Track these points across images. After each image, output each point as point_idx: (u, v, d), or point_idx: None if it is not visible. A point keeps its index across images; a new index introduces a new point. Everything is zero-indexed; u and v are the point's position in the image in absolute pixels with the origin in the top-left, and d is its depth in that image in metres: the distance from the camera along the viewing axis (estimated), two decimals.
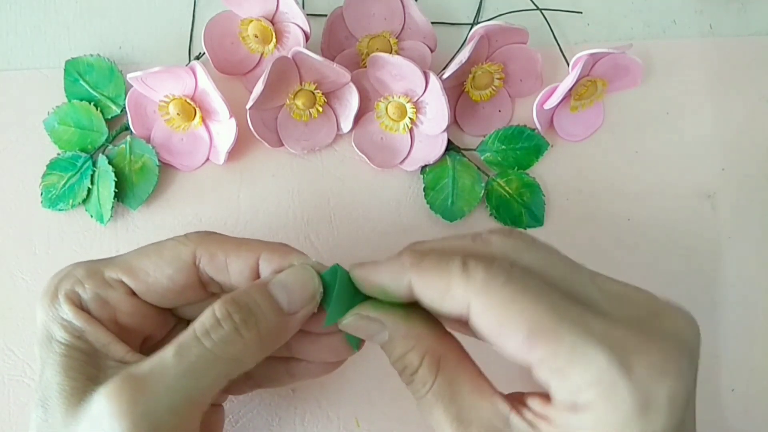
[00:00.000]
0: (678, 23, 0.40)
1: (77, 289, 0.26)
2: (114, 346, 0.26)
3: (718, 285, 0.36)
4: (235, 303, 0.25)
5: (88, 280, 0.27)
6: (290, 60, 0.34)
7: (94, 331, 0.26)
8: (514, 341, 0.22)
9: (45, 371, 0.25)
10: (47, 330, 0.26)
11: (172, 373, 0.23)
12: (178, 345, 0.24)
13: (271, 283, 0.26)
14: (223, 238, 0.28)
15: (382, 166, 0.36)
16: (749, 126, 0.38)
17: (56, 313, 0.26)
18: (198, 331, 0.24)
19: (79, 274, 0.27)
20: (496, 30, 0.35)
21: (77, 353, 0.25)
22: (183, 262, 0.27)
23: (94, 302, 0.26)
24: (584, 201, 0.37)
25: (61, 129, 0.36)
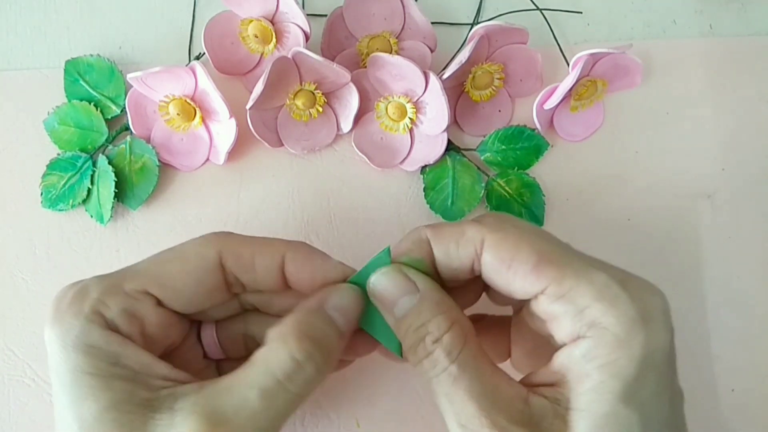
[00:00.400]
0: (678, 23, 0.40)
1: (100, 309, 0.24)
2: (156, 364, 0.24)
3: (717, 285, 0.36)
4: (311, 340, 0.24)
5: (109, 297, 0.25)
6: (290, 60, 0.34)
7: (130, 353, 0.24)
8: (524, 270, 0.24)
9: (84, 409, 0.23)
10: (69, 362, 0.23)
11: (262, 418, 0.23)
12: (262, 390, 0.23)
13: (329, 308, 0.26)
14: (244, 238, 0.27)
15: (382, 166, 0.36)
16: (749, 126, 0.38)
17: (78, 340, 0.23)
18: (281, 376, 0.23)
19: (95, 292, 0.25)
20: (496, 30, 0.35)
21: (119, 383, 0.23)
22: (209, 264, 0.26)
23: (122, 319, 0.25)
24: (584, 201, 0.37)
25: (61, 129, 0.36)
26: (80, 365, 0.23)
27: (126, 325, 0.25)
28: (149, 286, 0.25)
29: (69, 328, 0.24)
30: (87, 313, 0.24)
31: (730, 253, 0.37)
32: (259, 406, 0.23)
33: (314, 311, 0.25)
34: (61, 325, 0.24)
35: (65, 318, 0.24)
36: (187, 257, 0.26)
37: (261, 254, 0.27)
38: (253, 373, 0.24)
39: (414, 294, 0.25)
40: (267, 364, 0.24)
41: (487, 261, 0.25)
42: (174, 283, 0.26)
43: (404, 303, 0.25)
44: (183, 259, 0.26)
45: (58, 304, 0.25)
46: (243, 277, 0.27)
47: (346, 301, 0.26)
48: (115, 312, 0.25)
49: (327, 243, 0.36)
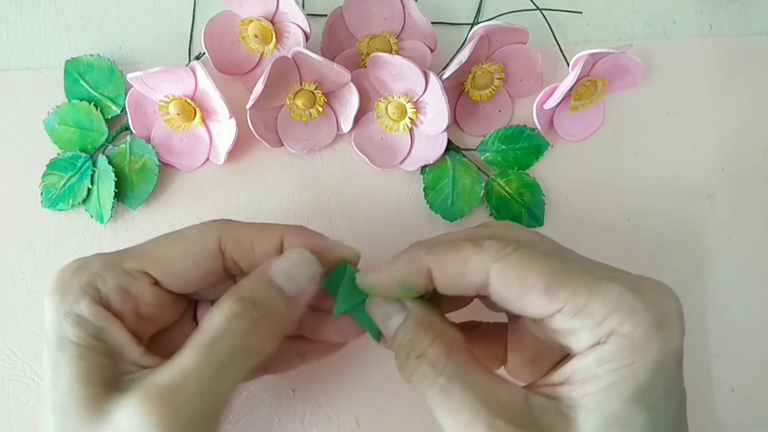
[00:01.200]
0: (678, 23, 0.40)
1: (97, 283, 0.25)
2: (130, 347, 0.25)
3: (717, 285, 0.36)
4: (245, 299, 0.25)
5: (107, 272, 0.26)
6: (290, 60, 0.34)
7: (113, 330, 0.25)
8: (535, 295, 0.23)
9: (58, 375, 0.24)
10: (59, 329, 0.25)
11: (202, 375, 0.23)
12: (200, 348, 0.24)
13: (272, 271, 0.26)
14: (243, 224, 0.28)
15: (382, 166, 0.36)
16: (749, 126, 0.38)
17: (71, 309, 0.25)
18: (215, 333, 0.24)
19: (95, 267, 0.26)
20: (496, 30, 0.35)
21: (93, 355, 0.24)
22: (210, 248, 0.27)
23: (117, 295, 0.26)
24: (584, 201, 0.37)
25: (61, 129, 0.36)
26: (67, 333, 0.25)
27: (119, 301, 0.26)
28: (148, 266, 0.26)
29: (64, 297, 0.25)
30: (83, 284, 0.25)
31: (730, 253, 0.37)
32: (197, 362, 0.23)
33: (257, 276, 0.26)
34: (59, 294, 0.25)
35: (64, 287, 0.25)
36: (188, 241, 0.27)
37: (260, 237, 0.27)
38: (192, 338, 0.24)
39: (402, 313, 0.26)
40: (203, 327, 0.25)
41: (495, 290, 0.24)
42: (173, 265, 0.27)
43: (394, 322, 0.26)
44: (184, 243, 0.27)
45: (61, 274, 0.26)
46: (242, 262, 0.28)
47: (290, 264, 0.26)
48: (111, 287, 0.26)
49: None
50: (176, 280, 0.27)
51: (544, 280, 0.23)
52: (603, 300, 0.23)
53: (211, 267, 0.27)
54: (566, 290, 0.23)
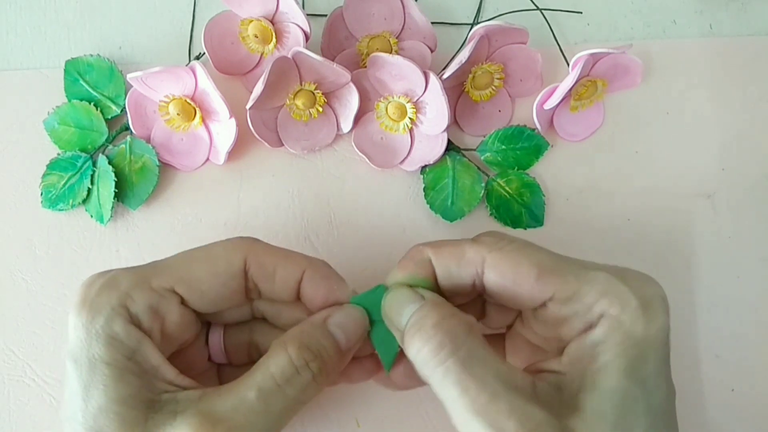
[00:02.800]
0: (678, 23, 0.40)
1: (126, 302, 0.25)
2: (164, 368, 0.25)
3: (717, 285, 0.36)
4: (310, 350, 0.25)
5: (137, 291, 0.25)
6: (290, 60, 0.34)
7: (145, 351, 0.25)
8: (528, 282, 0.25)
9: (92, 396, 0.24)
10: (88, 349, 0.24)
11: (260, 419, 0.24)
12: (261, 390, 0.24)
13: (331, 323, 0.27)
14: (269, 248, 0.28)
15: (382, 166, 0.36)
16: (749, 126, 0.38)
17: (101, 330, 0.24)
18: (279, 379, 0.25)
19: (124, 285, 0.25)
20: (496, 30, 0.35)
21: (129, 376, 0.24)
22: (235, 269, 0.27)
23: (146, 314, 0.25)
24: (584, 201, 0.37)
25: (61, 129, 0.36)
26: (99, 354, 0.24)
27: (148, 320, 0.25)
28: (176, 284, 0.26)
29: (95, 316, 0.24)
30: (114, 304, 0.25)
31: (730, 253, 0.37)
32: (257, 407, 0.24)
33: (317, 325, 0.27)
34: (88, 313, 0.25)
35: (93, 306, 0.25)
36: (215, 260, 0.27)
37: (283, 266, 0.27)
38: (253, 376, 0.25)
39: (419, 301, 0.26)
40: (266, 368, 0.25)
41: (490, 279, 0.26)
42: (200, 284, 0.26)
43: (410, 309, 0.26)
44: (211, 261, 0.27)
45: (87, 291, 0.25)
46: (262, 286, 0.28)
47: (349, 320, 0.27)
48: (141, 307, 0.25)
49: (327, 243, 0.36)
50: (202, 299, 0.27)
51: (536, 268, 0.25)
52: (591, 286, 0.24)
53: (235, 287, 0.27)
54: (556, 278, 0.25)
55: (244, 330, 0.30)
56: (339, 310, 0.27)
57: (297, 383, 0.25)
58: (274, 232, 0.36)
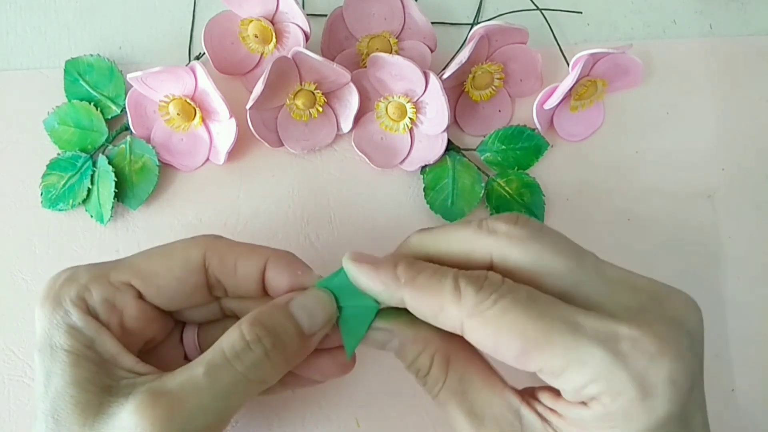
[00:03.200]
0: (678, 23, 0.40)
1: (84, 295, 0.26)
2: (123, 356, 0.26)
3: (718, 285, 0.36)
4: (264, 326, 0.25)
5: (94, 284, 0.26)
6: (290, 60, 0.34)
7: (103, 341, 0.25)
8: (510, 356, 0.22)
9: (52, 381, 0.24)
10: (50, 338, 0.25)
11: (205, 394, 0.23)
12: (209, 365, 0.24)
13: (293, 305, 0.26)
14: (231, 242, 0.28)
15: (382, 166, 0.36)
16: (749, 126, 0.38)
17: (62, 320, 0.25)
18: (228, 353, 0.24)
19: (83, 279, 0.26)
20: (496, 30, 0.35)
21: (87, 363, 0.25)
22: (193, 264, 0.27)
23: (102, 307, 0.26)
24: (584, 201, 0.37)
25: (61, 129, 0.36)
26: (59, 342, 0.25)
27: (105, 313, 0.26)
28: (132, 278, 0.26)
29: (56, 308, 0.26)
30: (72, 297, 0.26)
31: (730, 253, 0.37)
32: (203, 381, 0.24)
33: (278, 306, 0.26)
34: (50, 305, 0.26)
35: (55, 298, 0.26)
36: (172, 255, 0.27)
37: (244, 259, 0.27)
38: (205, 353, 0.25)
39: (393, 341, 0.26)
40: (218, 344, 0.25)
41: (471, 341, 0.24)
42: (156, 278, 0.27)
43: (390, 347, 0.26)
44: (168, 256, 0.27)
45: (51, 284, 0.26)
46: (224, 281, 0.28)
47: (314, 302, 0.26)
48: (97, 299, 0.26)
49: (327, 243, 0.36)
50: (160, 294, 0.27)
51: (518, 344, 0.22)
52: (582, 368, 0.21)
53: (194, 283, 0.27)
54: (541, 356, 0.22)
55: (217, 328, 0.30)
56: (303, 292, 0.27)
57: (247, 358, 0.24)
58: (274, 232, 0.36)
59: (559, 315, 0.22)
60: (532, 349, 0.22)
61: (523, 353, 0.22)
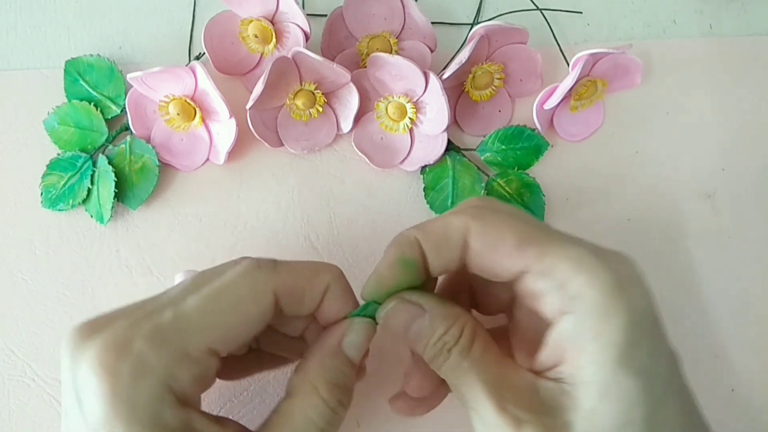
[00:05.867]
0: (678, 23, 0.40)
1: (171, 384, 0.22)
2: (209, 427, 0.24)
3: (717, 285, 0.36)
4: (339, 388, 0.26)
5: (178, 368, 0.23)
6: (290, 60, 0.34)
7: (195, 426, 0.23)
8: (507, 251, 0.25)
9: None
10: None
11: None
12: None
13: (347, 347, 0.27)
14: (293, 271, 0.26)
15: (382, 166, 0.36)
16: (749, 126, 0.38)
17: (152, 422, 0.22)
18: (321, 425, 0.25)
19: (162, 366, 0.22)
20: (496, 30, 0.35)
21: None
22: (268, 307, 0.25)
23: (194, 388, 0.24)
24: (584, 201, 0.37)
25: (61, 129, 0.36)
26: None
27: (196, 391, 0.24)
28: (214, 343, 0.24)
29: (136, 408, 0.22)
30: (158, 392, 0.22)
31: (730, 253, 0.37)
32: None
33: (335, 354, 0.26)
34: (127, 405, 0.21)
35: (132, 397, 0.22)
36: (245, 304, 0.25)
37: (310, 287, 0.27)
38: (295, 427, 0.25)
39: (423, 316, 0.26)
40: (307, 417, 0.25)
41: (473, 247, 0.26)
42: (236, 334, 0.25)
43: (417, 326, 0.26)
44: (242, 308, 0.24)
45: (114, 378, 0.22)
46: (288, 310, 0.26)
47: (362, 338, 0.27)
48: (187, 383, 0.23)
49: (327, 243, 0.36)
50: (237, 345, 0.25)
51: (516, 237, 0.25)
52: (567, 261, 0.24)
53: (267, 322, 0.26)
54: (535, 249, 0.24)
55: None
56: (352, 329, 0.27)
57: (337, 422, 0.26)
58: (274, 232, 0.36)
59: (547, 227, 0.26)
60: (527, 243, 0.25)
61: (520, 245, 0.24)
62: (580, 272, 0.23)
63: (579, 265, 0.24)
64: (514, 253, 0.25)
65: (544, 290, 0.24)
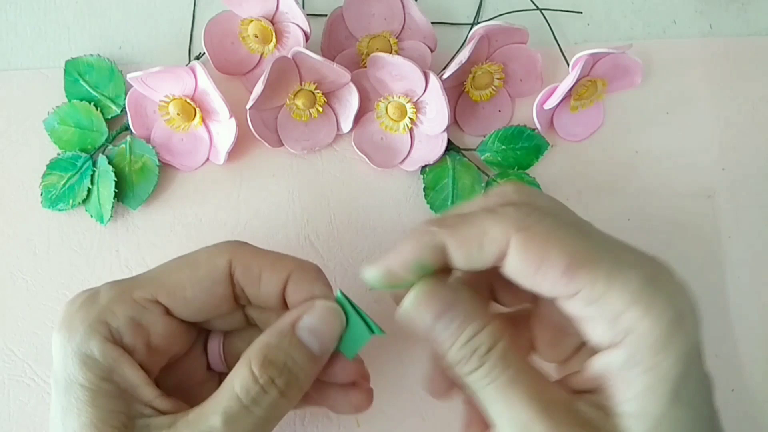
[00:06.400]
0: (678, 23, 0.40)
1: (106, 318, 0.24)
2: (143, 388, 0.24)
3: (717, 285, 0.36)
4: (275, 366, 0.24)
5: (117, 304, 0.24)
6: (290, 60, 0.34)
7: (124, 370, 0.24)
8: (553, 274, 0.22)
9: (68, 420, 0.23)
10: (66, 370, 0.23)
11: None
12: (226, 414, 0.23)
13: (300, 329, 0.25)
14: (257, 251, 0.27)
15: (382, 166, 0.36)
16: (749, 126, 0.38)
17: (78, 349, 0.23)
18: (244, 399, 0.23)
19: (104, 300, 0.24)
20: (496, 30, 0.35)
21: (104, 399, 0.23)
22: (219, 273, 0.26)
23: (128, 328, 0.24)
24: (584, 201, 0.37)
25: (61, 129, 0.36)
26: (74, 375, 0.23)
27: (131, 334, 0.24)
28: (158, 293, 0.25)
29: (73, 334, 0.24)
30: (92, 321, 0.24)
31: (730, 253, 0.37)
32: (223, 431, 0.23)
33: (284, 333, 0.25)
34: (67, 331, 0.24)
35: (72, 324, 0.24)
36: (197, 265, 0.26)
37: (268, 269, 0.26)
38: (219, 397, 0.24)
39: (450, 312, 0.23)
40: (231, 387, 0.24)
41: (512, 263, 0.22)
42: (184, 292, 0.25)
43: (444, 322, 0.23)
44: (194, 267, 0.26)
45: (69, 308, 0.24)
46: (248, 290, 0.27)
47: (320, 322, 0.25)
48: (122, 321, 0.24)
49: (327, 243, 0.36)
50: (187, 307, 0.26)
51: (566, 260, 0.21)
52: (622, 291, 0.21)
53: (221, 293, 0.26)
54: (586, 275, 0.21)
55: (242, 337, 0.29)
56: (310, 311, 0.25)
57: (264, 402, 0.23)
58: (274, 232, 0.36)
59: (600, 241, 0.22)
60: (578, 267, 0.21)
61: (568, 270, 0.21)
62: (636, 303, 0.21)
63: (636, 295, 0.21)
64: (563, 277, 0.21)
65: (595, 316, 0.22)
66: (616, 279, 0.21)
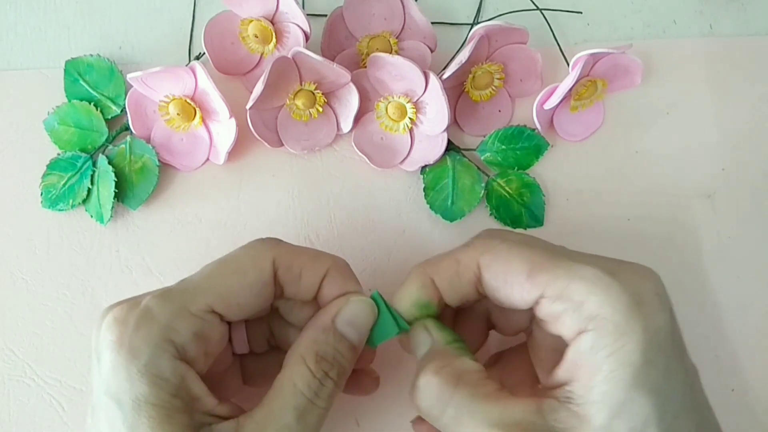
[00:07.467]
0: (678, 23, 0.40)
1: (171, 337, 0.24)
2: (206, 399, 0.25)
3: (717, 285, 0.36)
4: (327, 361, 0.26)
5: (179, 321, 0.25)
6: (290, 60, 0.34)
7: (189, 385, 0.24)
8: (519, 281, 0.25)
9: None
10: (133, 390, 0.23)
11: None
12: (297, 410, 0.25)
13: (339, 323, 0.27)
14: (295, 249, 0.28)
15: (382, 166, 0.36)
16: (749, 126, 0.38)
17: (147, 369, 0.23)
18: (308, 393, 0.25)
19: (163, 318, 0.24)
20: (496, 30, 0.35)
21: (175, 415, 0.23)
22: (267, 276, 0.27)
23: (192, 343, 0.25)
24: (584, 201, 0.37)
25: (61, 129, 0.36)
26: (144, 395, 0.23)
27: (194, 348, 0.25)
28: (215, 304, 0.26)
29: (137, 355, 0.24)
30: (157, 340, 0.24)
31: (730, 253, 0.37)
32: (297, 427, 0.25)
33: (327, 330, 0.27)
34: (128, 352, 0.24)
35: (133, 343, 0.24)
36: (245, 270, 0.27)
37: (309, 268, 0.28)
38: (285, 396, 0.25)
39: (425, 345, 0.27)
40: (292, 385, 0.25)
41: (485, 280, 0.26)
42: (237, 299, 0.26)
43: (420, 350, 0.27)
44: (242, 273, 0.26)
45: (122, 326, 0.24)
46: (288, 288, 0.28)
47: (358, 316, 0.27)
48: (186, 337, 0.25)
49: (327, 243, 0.36)
50: (240, 312, 0.27)
51: (526, 266, 0.25)
52: (580, 282, 0.24)
53: (268, 294, 0.27)
54: (546, 275, 0.24)
55: (263, 322, 0.30)
56: (346, 305, 0.27)
57: (324, 394, 0.26)
58: (274, 232, 0.36)
59: (558, 253, 0.26)
60: (538, 270, 0.25)
61: (531, 274, 0.25)
62: (594, 292, 0.23)
63: (593, 285, 0.24)
64: (526, 282, 0.25)
65: (562, 312, 0.24)
66: (575, 273, 0.24)
